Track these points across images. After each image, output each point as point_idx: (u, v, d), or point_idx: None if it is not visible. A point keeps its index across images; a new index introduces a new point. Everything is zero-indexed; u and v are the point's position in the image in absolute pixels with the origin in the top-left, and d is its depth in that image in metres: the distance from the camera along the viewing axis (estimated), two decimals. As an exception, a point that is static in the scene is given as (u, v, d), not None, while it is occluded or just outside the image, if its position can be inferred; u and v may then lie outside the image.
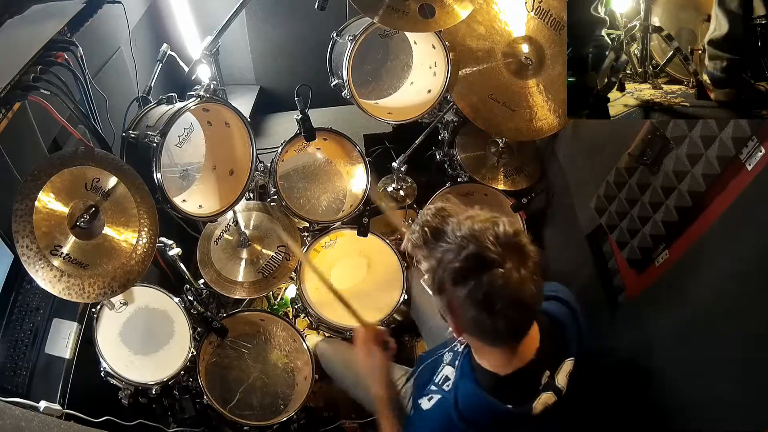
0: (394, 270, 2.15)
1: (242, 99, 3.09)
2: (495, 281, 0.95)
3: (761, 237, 1.13)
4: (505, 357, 1.10)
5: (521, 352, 1.10)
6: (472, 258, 0.96)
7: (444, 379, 1.26)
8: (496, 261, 0.95)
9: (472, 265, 0.96)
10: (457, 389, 1.15)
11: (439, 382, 1.27)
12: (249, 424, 1.85)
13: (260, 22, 2.96)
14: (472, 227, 0.99)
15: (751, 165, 1.20)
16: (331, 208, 2.25)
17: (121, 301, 1.76)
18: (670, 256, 1.46)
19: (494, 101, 2.01)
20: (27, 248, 1.30)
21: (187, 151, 1.94)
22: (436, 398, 1.21)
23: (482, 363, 1.13)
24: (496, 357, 1.10)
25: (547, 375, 1.13)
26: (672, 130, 1.41)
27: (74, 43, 1.64)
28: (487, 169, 2.36)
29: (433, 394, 1.23)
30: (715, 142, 1.28)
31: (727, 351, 1.20)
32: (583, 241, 1.90)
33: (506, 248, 0.97)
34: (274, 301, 2.45)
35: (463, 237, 0.98)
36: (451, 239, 1.00)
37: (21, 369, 1.52)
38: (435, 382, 1.28)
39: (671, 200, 1.43)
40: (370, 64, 2.21)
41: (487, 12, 1.95)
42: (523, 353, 1.11)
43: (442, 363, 1.33)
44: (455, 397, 1.13)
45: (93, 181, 1.46)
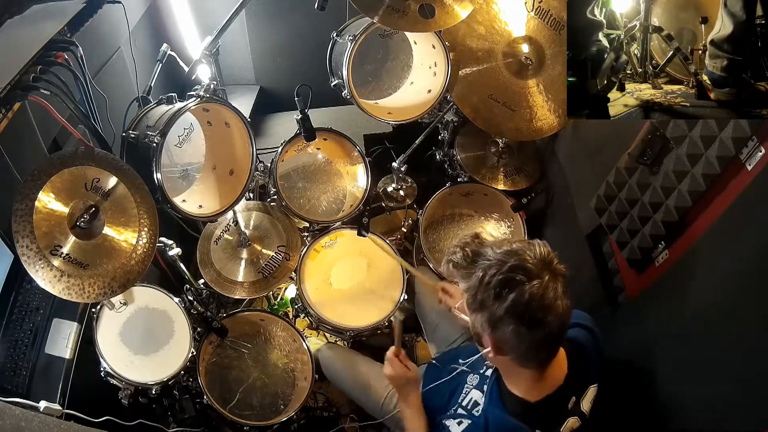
0: (394, 270, 2.15)
1: (242, 99, 3.09)
2: (536, 292, 1.01)
3: (761, 237, 1.13)
4: (534, 381, 1.14)
5: (550, 377, 1.15)
6: (516, 269, 1.03)
7: (473, 404, 1.30)
8: (536, 273, 1.02)
9: (515, 275, 1.02)
10: (487, 416, 1.20)
11: (468, 407, 1.30)
12: (249, 424, 1.85)
13: (260, 22, 2.96)
14: (511, 246, 1.07)
15: (751, 165, 1.20)
16: (331, 208, 2.25)
17: (121, 301, 1.76)
18: (670, 256, 1.46)
19: (494, 101, 2.01)
20: (27, 248, 1.30)
21: (187, 151, 1.94)
22: (466, 423, 1.26)
23: (512, 389, 1.17)
24: (527, 382, 1.15)
25: (573, 401, 1.17)
26: (672, 130, 1.41)
27: (74, 43, 1.64)
28: (487, 169, 2.36)
29: (463, 419, 1.28)
30: (715, 142, 1.28)
31: (727, 351, 1.20)
32: (583, 241, 1.90)
33: (541, 264, 1.04)
34: (274, 301, 2.45)
35: (504, 253, 1.06)
36: (491, 257, 1.07)
37: (21, 369, 1.52)
38: (463, 406, 1.32)
39: (671, 200, 1.43)
40: (370, 64, 2.21)
41: (487, 12, 1.95)
42: (552, 379, 1.16)
43: (467, 384, 1.37)
44: (486, 424, 1.18)
45: (93, 181, 1.46)
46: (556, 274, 1.05)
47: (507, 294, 1.02)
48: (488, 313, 1.06)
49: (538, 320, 1.02)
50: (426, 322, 2.00)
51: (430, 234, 2.26)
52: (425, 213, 2.26)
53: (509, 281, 1.02)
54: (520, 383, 1.16)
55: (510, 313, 1.03)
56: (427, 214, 2.27)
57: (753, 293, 1.13)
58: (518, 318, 1.03)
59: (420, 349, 2.30)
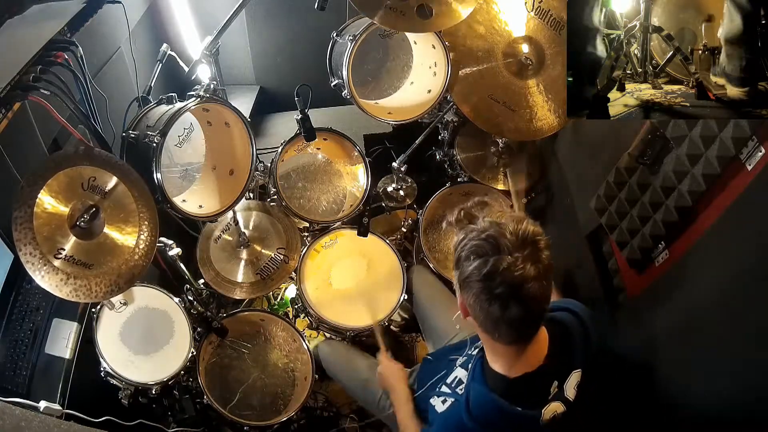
0: (394, 270, 2.15)
1: (242, 99, 3.09)
2: (500, 265, 1.02)
3: (761, 237, 1.13)
4: (513, 358, 1.15)
5: (529, 355, 1.15)
6: (489, 238, 1.04)
7: (458, 382, 1.31)
8: (507, 248, 1.02)
9: (486, 244, 1.04)
10: (468, 391, 1.21)
11: (453, 385, 1.31)
12: (249, 424, 1.85)
13: (260, 22, 2.96)
14: (501, 217, 1.09)
15: (751, 165, 1.20)
16: (331, 208, 2.25)
17: (121, 301, 1.76)
18: (670, 256, 1.46)
19: (494, 101, 2.01)
20: (30, 255, 1.30)
21: (187, 151, 1.94)
22: (450, 401, 1.28)
23: (494, 366, 1.18)
24: (505, 358, 1.16)
25: (556, 385, 1.18)
26: (672, 130, 1.41)
27: (74, 43, 1.64)
28: (487, 169, 2.36)
29: (447, 397, 1.30)
30: (715, 142, 1.28)
31: (727, 351, 1.20)
32: (583, 241, 1.90)
33: (521, 242, 1.03)
34: (274, 301, 2.45)
35: (488, 222, 1.08)
36: (479, 223, 1.10)
37: (21, 369, 1.52)
38: (448, 384, 1.33)
39: (671, 200, 1.43)
40: (370, 64, 2.21)
41: (487, 12, 1.95)
42: (532, 357, 1.16)
43: (454, 365, 1.38)
44: (467, 399, 1.19)
45: (89, 180, 1.46)
46: (536, 256, 1.03)
47: (474, 260, 1.05)
48: (459, 272, 1.09)
49: (499, 294, 1.02)
50: (423, 321, 2.00)
51: (430, 234, 2.26)
52: (425, 213, 2.26)
53: (479, 248, 1.05)
54: (499, 359, 1.17)
55: (474, 278, 1.04)
56: (427, 214, 2.27)
57: (753, 293, 1.13)
58: (480, 282, 1.04)
59: (420, 349, 2.30)
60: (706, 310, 1.27)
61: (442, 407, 1.29)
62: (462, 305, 1.13)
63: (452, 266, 1.14)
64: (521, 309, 1.04)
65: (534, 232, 1.06)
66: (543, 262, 1.04)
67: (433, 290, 2.02)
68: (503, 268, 1.01)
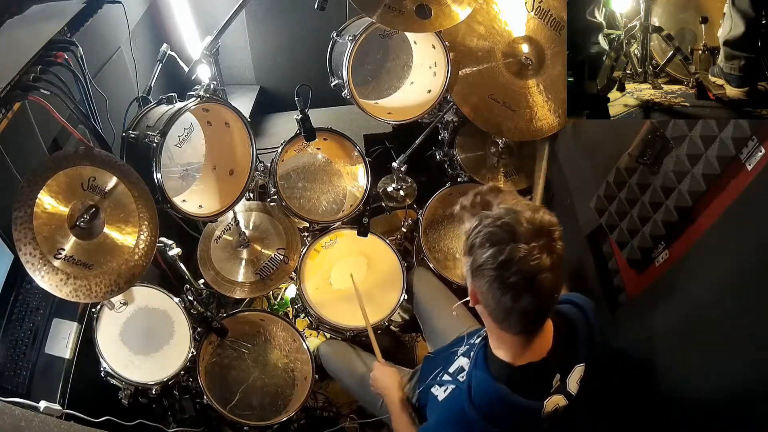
0: (394, 270, 2.14)
1: (242, 99, 3.10)
2: (515, 254, 1.00)
3: (761, 237, 1.13)
4: (519, 347, 1.13)
5: (535, 346, 1.14)
6: (504, 226, 1.02)
7: (459, 370, 1.29)
8: (523, 237, 1.01)
9: (501, 232, 1.02)
10: (470, 378, 1.18)
11: (454, 373, 1.30)
12: (249, 424, 1.85)
13: (260, 22, 2.96)
14: (516, 204, 1.07)
15: (751, 165, 1.20)
16: (331, 208, 2.25)
17: (121, 301, 1.76)
18: (670, 256, 1.46)
19: (494, 101, 2.01)
20: (30, 255, 1.30)
21: (187, 151, 1.94)
22: (451, 388, 1.26)
23: (498, 353, 1.16)
24: (511, 347, 1.14)
25: (558, 379, 1.16)
26: (672, 130, 1.40)
27: (74, 43, 1.64)
28: (487, 169, 2.36)
29: (447, 384, 1.28)
30: (715, 142, 1.28)
31: (727, 351, 1.20)
32: (583, 241, 1.90)
33: (537, 231, 1.02)
34: (274, 301, 2.45)
35: (504, 209, 1.06)
36: (494, 209, 1.09)
37: (21, 369, 1.52)
38: (449, 372, 1.31)
39: (671, 200, 1.43)
40: (370, 64, 2.21)
41: (487, 12, 1.95)
42: (538, 348, 1.14)
43: (456, 355, 1.37)
44: (468, 386, 1.16)
45: (89, 180, 1.46)
46: (550, 246, 1.02)
47: (489, 247, 1.02)
48: (471, 259, 1.07)
49: (513, 282, 1.01)
50: (423, 321, 2.00)
51: (430, 234, 2.26)
52: (425, 213, 2.26)
53: (494, 235, 1.02)
54: (504, 347, 1.15)
55: (488, 266, 1.02)
56: (427, 214, 2.27)
57: (753, 293, 1.13)
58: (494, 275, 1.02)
59: (420, 349, 2.30)
60: (706, 310, 1.27)
61: (443, 395, 1.27)
62: (472, 293, 1.11)
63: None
64: (534, 299, 1.03)
65: (550, 222, 1.05)
66: (557, 253, 1.03)
67: (434, 291, 2.02)
68: (519, 257, 0.99)
